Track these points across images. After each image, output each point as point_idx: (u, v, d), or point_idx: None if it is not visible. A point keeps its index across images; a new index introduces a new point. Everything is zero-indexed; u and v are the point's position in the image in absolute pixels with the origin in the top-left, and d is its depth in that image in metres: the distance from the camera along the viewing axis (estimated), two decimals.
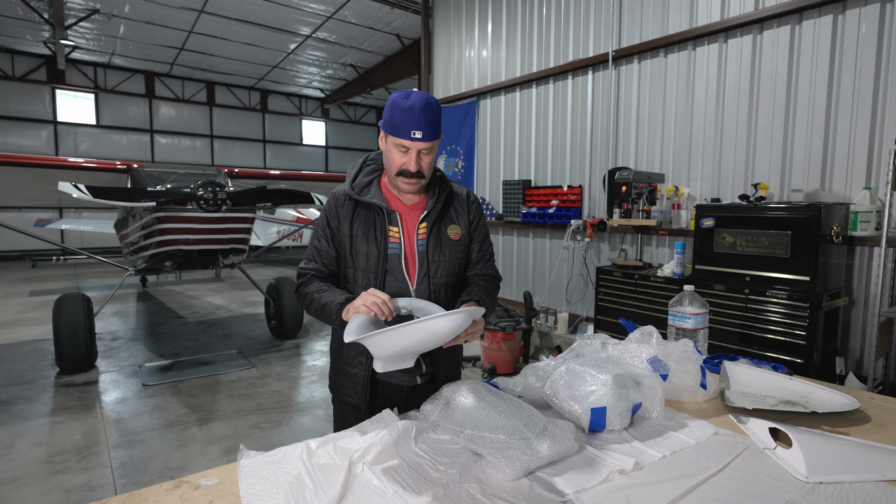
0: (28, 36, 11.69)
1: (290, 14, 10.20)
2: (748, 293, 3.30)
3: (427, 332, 1.19)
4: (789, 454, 1.13)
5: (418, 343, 1.22)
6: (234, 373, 4.66)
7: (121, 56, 13.18)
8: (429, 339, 1.22)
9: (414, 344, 1.22)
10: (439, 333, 1.21)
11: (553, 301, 5.51)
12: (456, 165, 6.87)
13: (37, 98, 13.39)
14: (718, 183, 4.13)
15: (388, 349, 1.21)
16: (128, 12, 10.09)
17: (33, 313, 7.02)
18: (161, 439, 3.33)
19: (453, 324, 1.20)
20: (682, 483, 1.05)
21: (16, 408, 3.83)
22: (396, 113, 1.38)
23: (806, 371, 3.02)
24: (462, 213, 1.59)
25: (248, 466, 1.08)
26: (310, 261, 1.55)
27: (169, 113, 15.33)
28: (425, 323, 1.16)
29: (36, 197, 7.19)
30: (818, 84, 3.56)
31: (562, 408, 1.32)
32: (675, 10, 4.31)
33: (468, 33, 6.60)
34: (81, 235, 12.79)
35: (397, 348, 1.21)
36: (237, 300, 8.13)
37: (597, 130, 5.05)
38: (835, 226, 3.15)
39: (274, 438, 3.37)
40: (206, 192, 4.60)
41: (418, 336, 1.19)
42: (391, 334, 1.14)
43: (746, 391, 1.55)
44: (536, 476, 1.07)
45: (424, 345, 1.25)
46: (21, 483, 2.80)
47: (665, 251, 4.47)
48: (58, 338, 4.49)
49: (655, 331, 1.60)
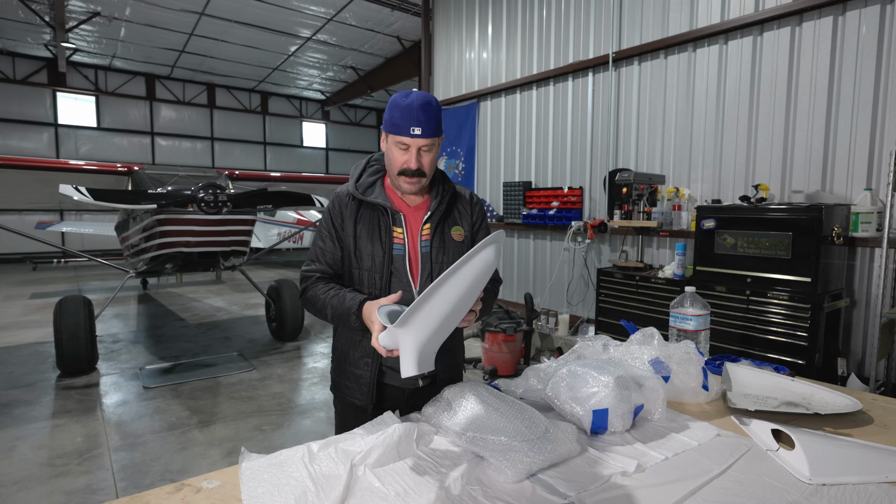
0: (29, 39, 11.72)
1: (291, 16, 10.22)
2: (749, 294, 3.30)
3: (465, 279, 1.09)
4: (792, 456, 1.13)
5: (460, 299, 1.12)
6: (234, 375, 4.66)
7: (122, 58, 13.21)
8: (468, 290, 1.13)
9: (457, 302, 1.12)
10: (476, 277, 1.12)
11: (554, 303, 5.50)
12: (456, 167, 6.87)
13: (38, 101, 13.41)
14: (719, 184, 4.13)
15: (433, 321, 1.11)
16: (129, 15, 10.11)
17: (34, 316, 7.02)
18: (162, 442, 3.33)
19: (486, 260, 1.11)
20: (685, 485, 1.05)
21: (17, 410, 3.83)
22: (396, 111, 1.39)
23: (808, 372, 3.01)
24: (465, 215, 1.60)
25: (250, 469, 1.08)
26: (313, 262, 1.53)
27: (170, 115, 15.36)
28: (462, 267, 1.07)
29: (37, 199, 7.21)
30: (819, 85, 3.56)
31: (563, 410, 1.31)
32: (675, 12, 4.32)
33: (468, 35, 6.62)
34: (82, 238, 12.81)
35: (440, 316, 1.11)
36: (238, 302, 8.13)
37: (597, 132, 5.06)
38: (836, 227, 3.15)
39: (275, 441, 3.37)
40: (206, 195, 4.61)
41: (460, 287, 1.09)
42: (437, 295, 1.06)
43: (748, 393, 1.54)
44: (538, 478, 1.07)
45: (463, 301, 1.15)
46: (22, 486, 2.79)
47: (666, 252, 4.47)
48: (59, 340, 4.49)
49: (657, 332, 1.60)
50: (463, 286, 1.10)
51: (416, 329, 1.12)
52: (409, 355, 1.15)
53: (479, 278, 1.14)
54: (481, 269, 1.12)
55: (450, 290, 1.09)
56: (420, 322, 1.11)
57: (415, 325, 1.12)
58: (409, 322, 1.11)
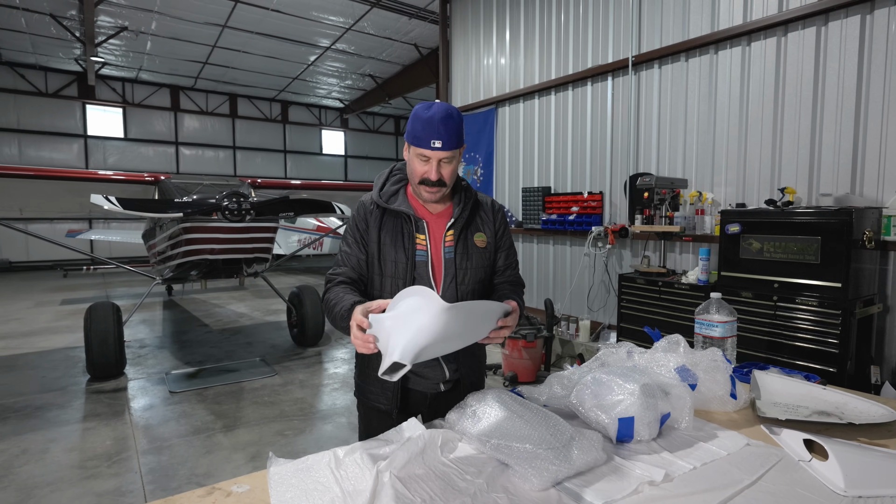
0: (60, 54, 12.16)
1: (311, 27, 10.40)
2: (777, 300, 3.22)
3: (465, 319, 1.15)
4: (826, 466, 1.10)
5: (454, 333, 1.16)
6: (257, 380, 4.72)
7: (147, 71, 13.60)
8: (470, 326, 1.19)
9: (450, 333, 1.15)
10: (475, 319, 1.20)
11: (574, 308, 5.46)
12: (475, 173, 6.88)
13: (68, 113, 13.89)
14: (743, 188, 4.06)
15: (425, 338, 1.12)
16: (154, 29, 10.42)
17: (65, 321, 7.23)
18: (188, 446, 3.39)
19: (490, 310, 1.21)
20: (714, 495, 1.03)
21: (49, 414, 3.94)
22: (417, 124, 1.42)
23: (839, 380, 2.93)
24: (488, 222, 1.61)
25: (278, 474, 1.10)
26: (338, 265, 1.57)
27: (193, 125, 15.74)
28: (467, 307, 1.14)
29: (68, 209, 7.44)
30: (846, 85, 3.48)
31: (588, 417, 1.30)
32: (696, 15, 4.27)
33: (486, 41, 6.64)
34: (110, 245, 13.17)
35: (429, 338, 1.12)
36: (260, 308, 8.25)
37: (617, 136, 5.01)
38: (867, 230, 3.06)
39: (298, 446, 3.40)
40: (231, 203, 4.71)
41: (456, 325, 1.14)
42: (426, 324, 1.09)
43: (778, 401, 1.51)
44: (564, 486, 1.07)
45: (457, 336, 1.19)
46: (55, 488, 2.87)
47: (689, 258, 4.40)
48: (89, 345, 4.62)
49: (683, 339, 1.58)
50: (458, 324, 1.16)
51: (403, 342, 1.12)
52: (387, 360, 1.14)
53: (478, 321, 1.21)
54: (482, 314, 1.21)
55: (448, 321, 1.12)
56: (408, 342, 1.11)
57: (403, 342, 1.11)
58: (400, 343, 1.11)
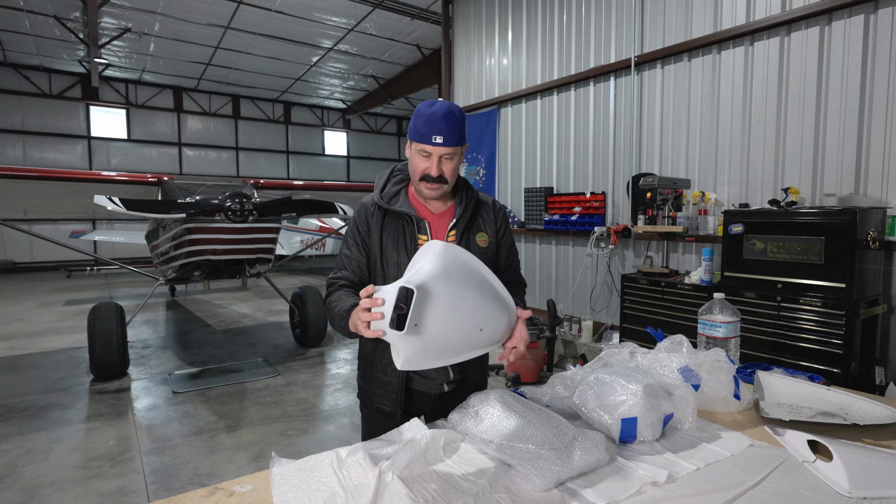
0: (64, 55, 12.20)
1: (313, 28, 10.42)
2: (780, 300, 3.21)
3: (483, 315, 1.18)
4: (830, 468, 1.10)
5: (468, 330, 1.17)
6: (260, 380, 4.73)
7: (151, 72, 13.64)
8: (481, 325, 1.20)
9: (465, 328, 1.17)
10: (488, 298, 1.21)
11: (577, 309, 5.45)
12: (477, 174, 6.88)
13: (72, 114, 13.93)
14: (746, 188, 4.04)
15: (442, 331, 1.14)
16: (158, 30, 10.45)
17: (69, 322, 7.25)
18: (191, 446, 3.40)
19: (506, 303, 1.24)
20: (718, 496, 1.03)
21: (53, 414, 3.95)
22: (420, 120, 1.42)
23: (843, 381, 2.92)
24: (490, 222, 1.61)
25: (281, 474, 1.10)
26: (339, 270, 1.56)
27: (196, 126, 15.77)
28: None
29: (72, 210, 7.48)
30: (850, 85, 3.46)
31: (591, 418, 1.30)
32: (699, 15, 4.26)
33: (488, 42, 6.64)
34: (113, 246, 13.21)
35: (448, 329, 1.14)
36: (262, 309, 8.27)
37: (619, 136, 5.01)
38: (871, 231, 3.05)
39: (300, 446, 3.41)
40: (234, 204, 4.71)
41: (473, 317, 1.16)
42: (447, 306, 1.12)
43: (782, 402, 1.50)
44: (567, 487, 1.06)
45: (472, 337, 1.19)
46: (59, 487, 2.88)
47: (692, 258, 4.38)
48: (92, 346, 4.63)
49: (686, 340, 1.57)
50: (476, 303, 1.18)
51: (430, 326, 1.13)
52: (402, 350, 1.16)
53: (483, 303, 1.21)
54: (487, 296, 1.22)
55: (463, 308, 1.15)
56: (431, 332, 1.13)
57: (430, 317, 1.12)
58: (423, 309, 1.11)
